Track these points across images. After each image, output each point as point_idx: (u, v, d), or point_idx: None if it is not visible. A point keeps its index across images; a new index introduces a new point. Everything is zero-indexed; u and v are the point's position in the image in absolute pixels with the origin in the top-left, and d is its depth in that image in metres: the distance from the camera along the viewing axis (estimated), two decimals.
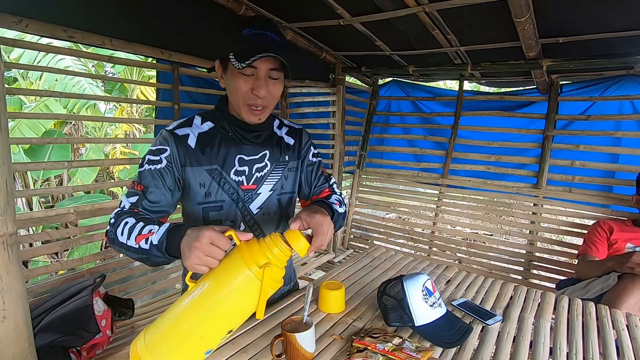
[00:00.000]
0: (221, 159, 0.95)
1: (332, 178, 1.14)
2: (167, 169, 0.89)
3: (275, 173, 1.02)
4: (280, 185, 1.04)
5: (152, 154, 0.90)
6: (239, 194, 0.98)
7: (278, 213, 1.05)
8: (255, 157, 0.99)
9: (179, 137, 0.92)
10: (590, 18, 1.69)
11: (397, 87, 3.29)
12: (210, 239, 0.65)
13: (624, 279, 1.56)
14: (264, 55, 0.82)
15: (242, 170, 0.97)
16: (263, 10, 2.07)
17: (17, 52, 3.92)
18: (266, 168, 1.01)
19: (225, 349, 0.89)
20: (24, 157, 3.63)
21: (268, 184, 1.01)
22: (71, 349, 1.41)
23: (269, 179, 1.01)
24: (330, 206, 0.97)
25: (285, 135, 1.07)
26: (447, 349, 0.93)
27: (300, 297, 1.17)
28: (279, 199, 1.04)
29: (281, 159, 1.04)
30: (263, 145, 1.01)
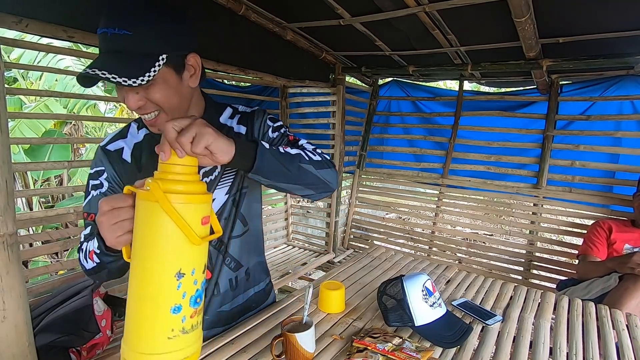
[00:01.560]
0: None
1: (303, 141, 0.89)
2: (110, 190, 0.84)
3: (228, 174, 0.89)
4: (238, 186, 0.90)
5: (93, 177, 0.85)
6: None
7: (233, 215, 0.91)
8: None
9: (111, 153, 0.85)
10: (590, 18, 1.69)
11: (397, 87, 3.28)
12: (109, 206, 0.60)
13: (625, 280, 1.56)
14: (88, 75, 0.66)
15: None
16: (263, 10, 2.07)
17: (17, 52, 3.92)
18: (215, 171, 0.88)
19: (225, 348, 0.89)
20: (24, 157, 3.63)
21: (221, 188, 0.88)
22: (71, 349, 1.41)
23: (221, 182, 0.88)
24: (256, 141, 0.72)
25: (237, 124, 0.91)
26: (447, 349, 0.93)
27: (300, 297, 1.17)
28: (234, 199, 0.91)
29: None
30: None
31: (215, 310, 0.94)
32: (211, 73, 2.25)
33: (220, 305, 0.95)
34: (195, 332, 0.61)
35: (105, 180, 0.83)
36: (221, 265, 0.92)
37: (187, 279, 0.58)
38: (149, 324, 0.58)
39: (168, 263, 0.57)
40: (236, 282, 0.96)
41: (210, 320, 0.95)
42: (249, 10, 2.02)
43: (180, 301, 0.58)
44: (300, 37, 2.41)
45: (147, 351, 0.57)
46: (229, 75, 2.28)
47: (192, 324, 0.60)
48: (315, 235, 3.23)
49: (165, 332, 0.57)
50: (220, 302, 0.94)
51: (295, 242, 3.21)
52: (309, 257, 2.91)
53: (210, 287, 0.92)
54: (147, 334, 0.57)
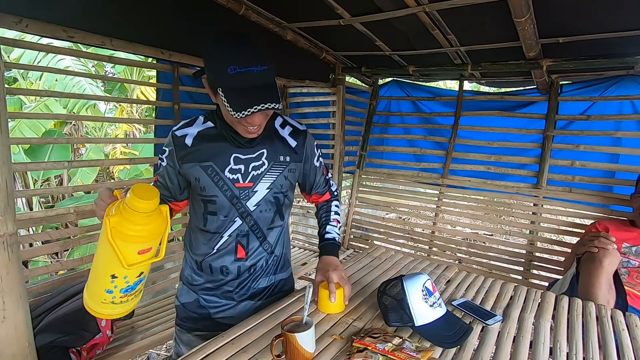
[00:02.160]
0: (216, 156, 1.00)
1: (330, 175, 1.24)
2: (167, 167, 1.03)
3: (272, 172, 1.04)
4: (279, 184, 1.05)
5: (161, 152, 1.04)
6: (233, 192, 1.01)
7: (274, 209, 1.07)
8: (251, 155, 1.02)
9: (177, 137, 1.01)
10: (590, 18, 1.69)
11: (397, 87, 3.28)
12: (99, 197, 0.85)
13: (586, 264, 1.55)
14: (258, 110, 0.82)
15: (237, 169, 1.01)
16: (263, 10, 2.07)
17: (17, 52, 3.92)
18: (263, 166, 1.02)
19: (225, 349, 0.89)
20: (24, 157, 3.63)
21: (265, 182, 1.03)
22: (71, 349, 1.41)
23: (266, 177, 1.03)
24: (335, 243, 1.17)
25: (288, 136, 1.08)
26: (447, 349, 0.93)
27: (300, 297, 1.17)
28: (277, 196, 1.06)
29: (281, 158, 1.05)
30: (261, 144, 1.03)
31: (251, 286, 1.10)
32: None
33: (255, 281, 1.10)
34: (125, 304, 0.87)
35: (165, 158, 1.03)
36: (257, 249, 1.08)
37: (119, 279, 0.81)
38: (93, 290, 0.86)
39: (107, 268, 0.81)
40: (267, 265, 1.12)
41: (251, 293, 1.11)
42: (249, 10, 2.02)
43: (111, 288, 0.82)
44: (300, 37, 2.41)
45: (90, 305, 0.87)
46: None
47: (121, 300, 0.85)
48: (315, 236, 3.22)
49: (100, 299, 0.85)
50: (254, 280, 1.10)
51: (295, 242, 3.21)
52: (309, 257, 2.91)
53: (245, 267, 1.07)
54: (92, 295, 0.86)
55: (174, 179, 1.04)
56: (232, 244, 1.05)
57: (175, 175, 1.03)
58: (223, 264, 1.06)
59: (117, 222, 0.76)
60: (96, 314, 0.87)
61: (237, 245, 1.05)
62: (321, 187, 1.20)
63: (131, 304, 0.89)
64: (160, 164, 1.05)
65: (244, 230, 1.04)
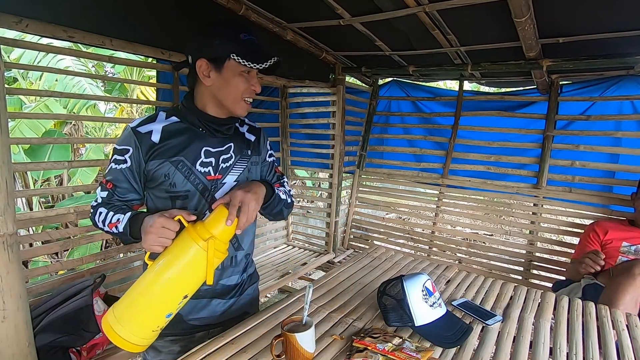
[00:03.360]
0: (186, 151, 1.00)
1: (284, 177, 1.23)
2: (131, 168, 0.98)
3: (239, 165, 1.07)
4: (245, 177, 1.08)
5: (118, 153, 0.98)
6: (205, 184, 1.02)
7: None
8: (221, 148, 1.04)
9: (141, 134, 0.98)
10: (590, 18, 1.69)
11: (397, 87, 3.28)
12: (161, 224, 0.84)
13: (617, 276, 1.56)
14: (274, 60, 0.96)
15: (208, 162, 1.02)
16: (263, 10, 2.07)
17: (17, 52, 3.91)
18: (231, 159, 1.06)
19: (225, 349, 0.89)
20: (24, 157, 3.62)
21: (233, 174, 1.05)
22: (71, 349, 1.41)
23: (234, 169, 1.06)
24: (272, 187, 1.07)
25: (247, 132, 1.13)
26: (447, 349, 0.93)
27: (300, 297, 1.17)
28: None
29: (245, 152, 1.09)
30: (229, 138, 1.07)
31: (218, 281, 1.07)
32: None
33: (222, 277, 1.08)
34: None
35: (129, 158, 0.97)
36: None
37: (186, 299, 0.84)
38: (147, 318, 0.81)
39: (186, 288, 0.83)
40: (236, 261, 1.10)
41: (215, 290, 1.07)
42: (249, 10, 2.02)
43: (174, 311, 0.84)
44: (300, 37, 2.41)
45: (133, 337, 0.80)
46: None
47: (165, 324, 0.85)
48: (315, 235, 3.23)
49: (153, 327, 0.83)
50: (219, 276, 1.07)
51: (295, 242, 3.21)
52: (309, 257, 2.91)
53: None
54: (142, 324, 0.81)
55: (137, 180, 0.99)
56: None
57: (139, 175, 0.99)
58: None
59: (217, 244, 0.84)
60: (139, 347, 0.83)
61: None
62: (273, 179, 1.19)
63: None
64: (115, 167, 0.98)
65: None
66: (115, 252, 2.23)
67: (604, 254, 1.96)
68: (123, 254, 2.13)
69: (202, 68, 0.97)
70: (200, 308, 1.06)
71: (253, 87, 1.02)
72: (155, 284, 0.82)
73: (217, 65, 0.96)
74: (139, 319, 0.82)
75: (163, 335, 1.03)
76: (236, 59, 0.94)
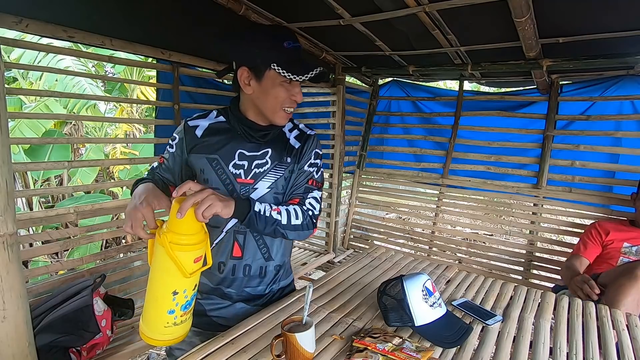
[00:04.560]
0: (222, 150, 1.03)
1: (314, 192, 1.08)
2: (174, 154, 1.08)
3: (275, 171, 1.05)
4: (281, 185, 1.06)
5: (171, 139, 1.09)
6: (234, 186, 1.03)
7: None
8: (256, 153, 1.04)
9: (189, 127, 1.06)
10: (590, 18, 1.69)
11: (397, 87, 3.28)
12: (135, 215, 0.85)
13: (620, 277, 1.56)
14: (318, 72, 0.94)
15: (241, 165, 1.03)
16: (263, 10, 2.07)
17: (17, 52, 3.91)
18: (266, 165, 1.04)
19: (225, 349, 0.89)
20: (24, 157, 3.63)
21: (266, 180, 1.04)
22: (71, 349, 1.41)
23: (267, 176, 1.04)
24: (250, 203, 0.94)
25: (293, 138, 1.10)
26: (447, 349, 0.93)
27: (300, 297, 1.17)
28: (277, 197, 1.06)
29: (284, 159, 1.06)
30: (267, 144, 1.06)
31: (243, 287, 1.08)
32: (211, 73, 2.25)
33: (248, 285, 1.08)
34: (184, 324, 0.91)
35: (175, 145, 1.08)
36: (254, 252, 1.07)
37: (180, 295, 0.85)
38: (153, 316, 0.88)
39: (168, 286, 0.85)
40: (265, 272, 1.09)
41: (242, 295, 1.08)
42: (249, 10, 2.02)
43: (174, 307, 0.86)
44: (300, 37, 2.41)
45: (151, 334, 0.89)
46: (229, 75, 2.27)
47: (181, 320, 0.89)
48: (315, 235, 3.23)
49: (163, 323, 0.87)
50: (248, 283, 1.08)
51: (295, 242, 3.21)
52: (309, 257, 2.91)
53: (240, 267, 1.06)
54: (152, 321, 0.89)
55: (177, 166, 1.08)
56: (229, 240, 1.05)
57: (180, 163, 1.08)
58: (220, 260, 1.06)
59: (172, 236, 0.82)
60: (160, 342, 0.89)
61: (234, 242, 1.05)
62: (297, 190, 1.07)
63: (189, 324, 0.93)
64: (167, 149, 1.09)
65: (241, 227, 1.04)
66: (115, 252, 2.23)
67: (605, 254, 1.96)
68: (123, 254, 2.13)
69: (242, 76, 0.99)
70: (223, 307, 1.09)
71: (294, 97, 1.00)
72: (148, 284, 0.88)
73: (258, 74, 0.97)
74: (149, 317, 0.89)
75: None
76: (276, 69, 0.94)
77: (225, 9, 1.95)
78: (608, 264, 1.91)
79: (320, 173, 1.12)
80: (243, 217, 0.93)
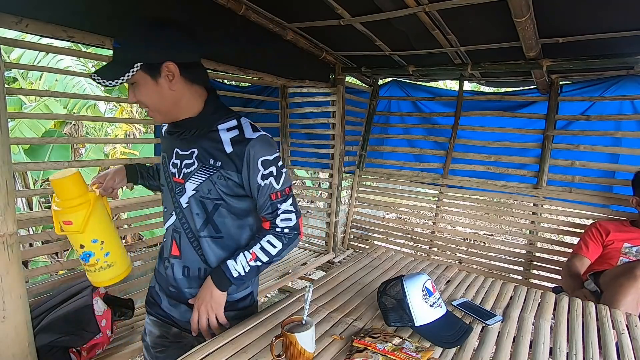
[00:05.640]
0: (167, 148, 1.06)
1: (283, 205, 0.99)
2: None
3: (200, 174, 0.98)
4: (206, 188, 0.97)
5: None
6: (172, 185, 1.04)
7: (203, 216, 1.00)
8: (186, 152, 1.00)
9: (160, 127, 1.16)
10: (590, 18, 1.69)
11: (397, 87, 3.28)
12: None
13: (619, 277, 1.56)
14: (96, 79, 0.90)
15: (176, 163, 1.02)
16: (263, 10, 2.07)
17: (17, 52, 3.91)
18: (193, 166, 0.99)
19: (225, 349, 0.89)
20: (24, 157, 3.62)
21: (192, 182, 0.99)
22: (71, 349, 1.41)
23: (193, 177, 0.98)
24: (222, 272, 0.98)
25: (229, 140, 0.96)
26: (447, 349, 0.93)
27: (300, 297, 1.17)
28: (203, 202, 0.99)
29: (211, 162, 0.96)
30: (194, 143, 0.99)
31: (182, 288, 1.05)
32: (211, 73, 2.25)
33: (188, 286, 1.04)
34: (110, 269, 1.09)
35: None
36: (191, 252, 1.03)
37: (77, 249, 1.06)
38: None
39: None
40: (205, 274, 1.03)
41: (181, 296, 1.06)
42: (249, 10, 2.02)
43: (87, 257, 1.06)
44: (300, 37, 2.41)
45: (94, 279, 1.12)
46: (229, 75, 2.28)
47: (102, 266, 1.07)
48: (315, 235, 3.23)
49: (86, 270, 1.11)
50: (188, 284, 1.04)
51: None
52: (309, 257, 2.91)
53: (179, 267, 1.04)
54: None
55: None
56: (169, 238, 1.06)
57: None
58: (165, 256, 1.07)
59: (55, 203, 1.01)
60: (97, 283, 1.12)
61: (172, 241, 1.05)
62: (265, 210, 1.00)
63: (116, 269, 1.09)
64: None
65: (177, 226, 1.04)
66: None
67: (605, 254, 1.96)
68: None
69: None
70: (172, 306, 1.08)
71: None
72: None
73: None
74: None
75: (149, 314, 1.15)
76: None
77: (225, 9, 1.95)
78: (608, 264, 1.91)
79: (282, 178, 0.98)
80: (229, 286, 0.99)
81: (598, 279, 1.73)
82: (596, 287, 1.73)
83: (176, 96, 0.94)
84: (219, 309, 0.99)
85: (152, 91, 0.92)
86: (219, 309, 0.99)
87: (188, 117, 0.98)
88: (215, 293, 0.98)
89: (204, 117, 0.99)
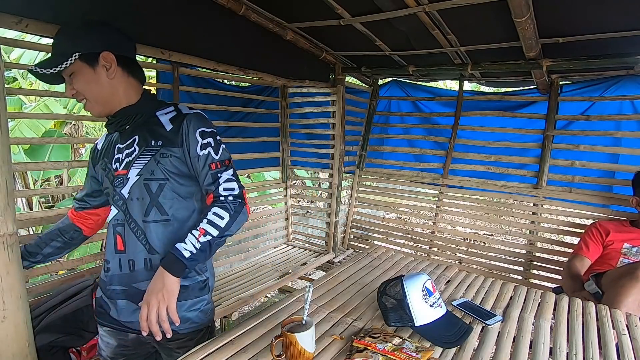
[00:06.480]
0: (108, 152, 1.08)
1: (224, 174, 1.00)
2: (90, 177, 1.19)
3: (142, 157, 1.01)
4: (149, 170, 1.00)
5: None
6: (112, 178, 1.06)
7: (147, 199, 1.00)
8: (127, 142, 1.04)
9: (94, 145, 1.16)
10: (590, 18, 1.69)
11: (397, 87, 3.28)
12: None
13: (621, 278, 1.56)
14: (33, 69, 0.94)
15: (118, 158, 1.05)
16: (263, 10, 2.07)
17: (17, 52, 3.91)
18: (134, 152, 1.02)
19: (225, 349, 0.89)
20: (24, 157, 3.63)
21: (135, 168, 1.01)
22: (71, 349, 1.41)
23: (136, 163, 1.01)
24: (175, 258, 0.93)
25: (168, 120, 1.03)
26: (447, 349, 0.93)
27: (300, 297, 1.17)
28: (147, 184, 1.00)
29: (152, 143, 1.01)
30: (134, 132, 1.04)
31: (130, 284, 1.02)
32: (211, 73, 2.25)
33: (135, 280, 1.02)
34: None
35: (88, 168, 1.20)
36: (135, 244, 1.01)
37: None
38: None
39: None
40: (151, 265, 1.01)
41: (129, 292, 1.02)
42: (249, 10, 2.02)
43: None
44: (300, 37, 2.41)
45: None
46: (229, 75, 2.27)
47: None
48: (315, 235, 3.23)
49: None
50: (135, 278, 1.02)
51: (295, 242, 3.21)
52: (309, 257, 2.91)
53: (125, 260, 1.02)
54: None
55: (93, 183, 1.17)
56: (111, 234, 1.05)
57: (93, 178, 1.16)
58: (107, 257, 1.06)
59: None
60: None
61: (116, 236, 1.04)
62: (206, 182, 1.01)
63: None
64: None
65: (119, 219, 1.03)
66: None
67: (605, 255, 1.96)
68: None
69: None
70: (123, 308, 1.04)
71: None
72: None
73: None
74: None
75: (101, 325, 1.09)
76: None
77: (225, 9, 1.95)
78: (608, 265, 1.91)
79: (221, 150, 1.02)
80: (183, 269, 0.93)
81: (600, 280, 1.73)
82: (597, 288, 1.72)
83: (114, 85, 1.00)
84: (171, 299, 0.91)
85: (91, 80, 0.97)
86: (171, 298, 0.91)
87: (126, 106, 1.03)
88: (167, 280, 0.91)
89: (142, 105, 1.05)
